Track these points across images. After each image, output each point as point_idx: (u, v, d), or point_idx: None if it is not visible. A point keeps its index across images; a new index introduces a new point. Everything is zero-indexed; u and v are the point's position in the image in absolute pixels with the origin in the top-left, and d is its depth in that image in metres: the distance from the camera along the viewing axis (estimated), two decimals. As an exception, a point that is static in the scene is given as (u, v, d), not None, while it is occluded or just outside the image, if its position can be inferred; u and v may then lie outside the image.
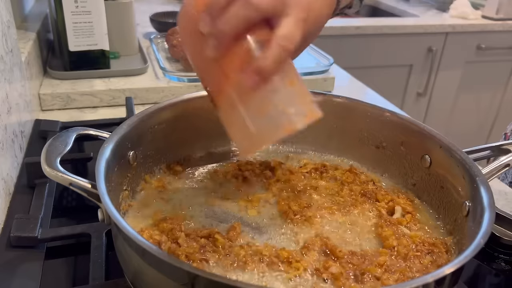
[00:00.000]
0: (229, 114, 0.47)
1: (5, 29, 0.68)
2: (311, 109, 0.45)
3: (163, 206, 0.54)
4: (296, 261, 0.45)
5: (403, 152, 0.61)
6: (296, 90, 0.45)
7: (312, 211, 0.54)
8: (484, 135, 2.38)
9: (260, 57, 0.42)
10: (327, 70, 1.08)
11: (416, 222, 0.54)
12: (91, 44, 0.96)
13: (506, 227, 0.58)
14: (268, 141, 0.47)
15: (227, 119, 0.48)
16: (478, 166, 0.50)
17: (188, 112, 0.61)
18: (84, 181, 0.45)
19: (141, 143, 0.56)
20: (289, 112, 0.43)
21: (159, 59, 1.03)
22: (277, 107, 0.43)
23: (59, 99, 0.93)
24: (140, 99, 0.97)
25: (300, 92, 0.45)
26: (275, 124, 0.43)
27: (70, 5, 0.91)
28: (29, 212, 0.59)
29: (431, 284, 0.35)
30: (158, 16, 1.35)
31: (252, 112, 0.44)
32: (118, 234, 0.42)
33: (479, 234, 0.40)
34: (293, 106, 0.44)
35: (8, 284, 0.49)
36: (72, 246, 0.56)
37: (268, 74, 0.42)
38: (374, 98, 1.10)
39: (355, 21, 1.94)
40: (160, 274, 0.37)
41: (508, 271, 0.56)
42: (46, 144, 0.49)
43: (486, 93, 2.24)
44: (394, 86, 2.04)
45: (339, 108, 0.65)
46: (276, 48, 0.41)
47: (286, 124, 0.43)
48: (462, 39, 2.02)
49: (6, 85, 0.65)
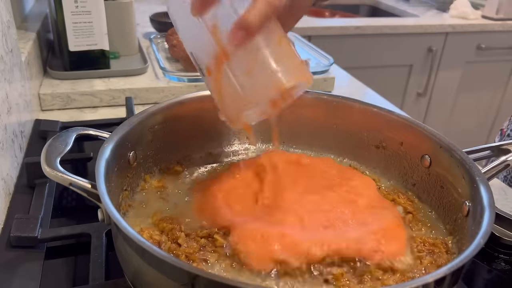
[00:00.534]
0: (216, 78, 0.45)
1: (5, 29, 0.68)
2: (301, 70, 0.44)
3: (163, 206, 0.54)
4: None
5: (403, 152, 0.61)
6: (283, 51, 0.44)
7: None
8: (484, 135, 2.38)
9: (245, 12, 0.41)
10: (327, 70, 1.08)
11: (417, 222, 0.54)
12: (91, 44, 0.96)
13: (506, 227, 0.58)
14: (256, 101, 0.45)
15: (214, 85, 0.47)
16: (478, 166, 0.50)
17: (188, 112, 0.61)
18: (84, 181, 0.44)
19: (141, 143, 0.56)
20: (276, 70, 0.42)
21: (159, 59, 1.03)
22: (263, 66, 0.42)
23: (59, 99, 0.93)
24: (140, 99, 0.97)
25: (288, 53, 0.44)
26: (262, 84, 0.42)
27: (70, 5, 0.91)
28: (29, 212, 0.59)
29: (431, 284, 0.35)
30: (158, 16, 1.35)
31: (238, 72, 0.43)
32: (118, 234, 0.42)
33: (479, 234, 0.40)
34: (280, 65, 0.42)
35: (8, 284, 0.49)
36: (72, 246, 0.56)
37: (253, 29, 0.41)
38: (374, 98, 1.10)
39: (355, 21, 1.94)
40: (160, 274, 0.37)
41: (508, 271, 0.56)
42: (46, 144, 0.49)
43: (486, 93, 2.24)
44: (394, 86, 2.04)
45: (338, 108, 0.65)
46: (261, 3, 0.41)
47: (274, 83, 0.42)
48: (462, 39, 2.02)
49: (6, 85, 0.65)
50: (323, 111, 0.65)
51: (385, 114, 0.62)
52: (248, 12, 0.41)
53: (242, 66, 0.43)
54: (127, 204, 0.53)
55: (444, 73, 2.08)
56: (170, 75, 1.00)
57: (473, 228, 0.44)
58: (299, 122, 0.66)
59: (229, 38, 0.42)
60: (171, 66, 1.06)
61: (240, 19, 0.41)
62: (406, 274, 0.45)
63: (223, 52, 0.43)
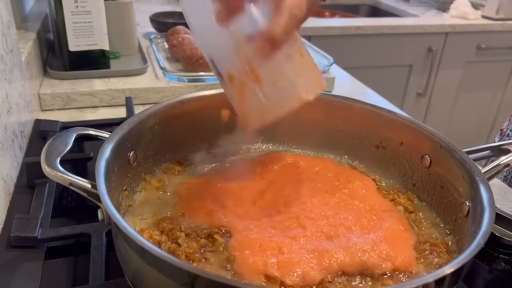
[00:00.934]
0: (238, 87, 0.47)
1: (5, 29, 0.68)
2: (319, 81, 0.46)
3: (163, 206, 0.54)
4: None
5: (403, 152, 0.61)
6: (305, 61, 0.45)
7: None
8: (484, 135, 2.38)
9: (271, 25, 0.42)
10: (327, 70, 1.08)
11: (418, 222, 0.54)
12: (91, 44, 0.96)
13: (506, 227, 0.58)
14: (278, 112, 0.47)
15: (235, 93, 0.48)
16: (478, 166, 0.50)
17: (188, 112, 0.61)
18: (84, 181, 0.44)
19: (141, 143, 0.56)
20: (298, 83, 0.44)
21: (159, 59, 1.03)
22: (288, 78, 0.44)
23: (59, 99, 0.93)
24: (140, 99, 0.97)
25: (309, 64, 0.46)
26: (285, 95, 0.44)
27: (70, 5, 0.91)
28: (29, 212, 0.59)
29: (431, 284, 0.35)
30: (158, 16, 1.35)
31: (263, 83, 0.44)
32: (118, 234, 0.42)
33: (479, 234, 0.40)
34: (302, 77, 0.44)
35: (8, 284, 0.49)
36: (72, 246, 0.56)
37: (279, 42, 0.42)
38: (374, 98, 1.10)
39: (355, 21, 1.94)
40: (160, 274, 0.37)
41: (508, 271, 0.56)
42: (46, 144, 0.49)
43: (486, 93, 2.24)
44: (394, 86, 2.04)
45: (338, 108, 0.65)
46: (286, 15, 0.41)
47: (297, 96, 0.44)
48: (462, 39, 2.02)
49: (6, 85, 0.65)
50: (323, 111, 0.65)
51: (385, 114, 0.62)
52: (274, 24, 0.42)
53: (266, 77, 0.44)
54: (127, 204, 0.53)
55: (444, 73, 2.08)
56: (170, 75, 1.00)
57: (473, 228, 0.44)
58: (299, 122, 0.66)
59: (256, 51, 0.43)
60: (171, 66, 1.06)
61: (266, 32, 0.42)
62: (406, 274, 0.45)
63: (249, 67, 0.44)
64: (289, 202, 0.52)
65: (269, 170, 0.59)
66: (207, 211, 0.51)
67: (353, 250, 0.45)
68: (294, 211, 0.51)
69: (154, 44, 1.14)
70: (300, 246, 0.45)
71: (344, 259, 0.44)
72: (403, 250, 0.47)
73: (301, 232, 0.48)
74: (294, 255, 0.44)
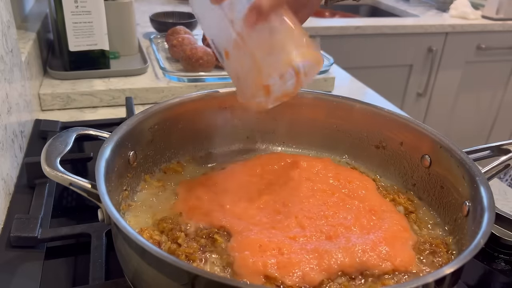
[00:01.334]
0: (233, 59, 0.51)
1: (5, 29, 0.68)
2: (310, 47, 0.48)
3: (163, 206, 0.54)
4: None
5: (403, 152, 0.61)
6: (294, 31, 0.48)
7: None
8: (484, 135, 2.37)
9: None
10: (327, 70, 1.08)
11: (418, 222, 0.54)
12: (91, 44, 0.96)
13: (506, 227, 0.58)
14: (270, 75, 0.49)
15: (231, 66, 0.52)
16: (478, 166, 0.50)
17: (188, 112, 0.61)
18: (84, 181, 0.44)
19: (141, 143, 0.56)
20: (288, 48, 0.47)
21: (159, 59, 1.03)
22: (277, 44, 0.47)
23: (59, 99, 0.93)
24: (140, 99, 0.97)
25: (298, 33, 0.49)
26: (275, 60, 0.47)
27: (70, 5, 0.91)
28: (29, 212, 0.59)
29: (431, 284, 0.35)
30: (158, 16, 1.35)
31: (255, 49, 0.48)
32: (118, 234, 0.42)
33: (479, 234, 0.40)
34: (292, 43, 0.47)
35: (8, 284, 0.49)
36: (72, 246, 0.56)
37: (264, 12, 0.46)
38: (374, 98, 1.10)
39: (355, 21, 1.94)
40: (160, 274, 0.37)
41: (508, 271, 0.56)
42: (46, 144, 0.49)
43: (486, 93, 2.23)
44: (394, 86, 2.04)
45: (338, 108, 0.65)
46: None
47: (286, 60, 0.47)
48: (462, 39, 2.02)
49: (6, 85, 0.65)
50: (323, 111, 0.66)
51: (385, 114, 0.62)
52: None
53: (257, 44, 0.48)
54: (127, 204, 0.53)
55: (444, 73, 2.08)
56: (170, 75, 1.00)
57: (473, 228, 0.44)
58: (299, 122, 0.66)
59: (244, 20, 0.47)
60: (171, 66, 1.06)
61: (253, 4, 0.47)
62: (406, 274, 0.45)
63: (241, 38, 0.48)
64: (289, 202, 0.52)
65: (269, 170, 0.59)
66: (206, 211, 0.51)
67: (353, 250, 0.45)
68: (293, 211, 0.51)
69: (154, 44, 1.14)
70: (300, 247, 0.45)
71: (344, 260, 0.44)
72: (403, 250, 0.47)
73: (300, 232, 0.48)
74: (294, 255, 0.44)
